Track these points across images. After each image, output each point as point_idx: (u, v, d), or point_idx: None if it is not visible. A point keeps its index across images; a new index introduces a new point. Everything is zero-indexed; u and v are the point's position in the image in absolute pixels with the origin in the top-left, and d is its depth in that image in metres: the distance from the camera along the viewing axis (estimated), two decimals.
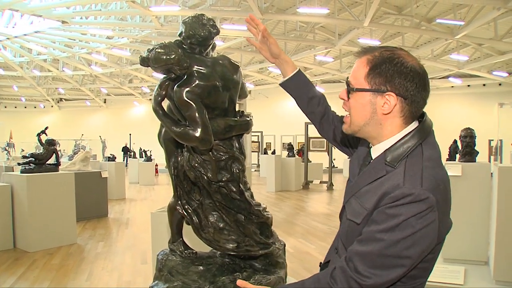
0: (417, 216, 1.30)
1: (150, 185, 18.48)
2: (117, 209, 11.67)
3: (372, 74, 1.47)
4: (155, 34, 21.29)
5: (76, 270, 6.15)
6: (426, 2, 16.34)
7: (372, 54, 1.50)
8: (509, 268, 4.31)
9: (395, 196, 1.33)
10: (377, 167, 1.49)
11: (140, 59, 2.24)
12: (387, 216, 1.34)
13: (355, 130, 1.58)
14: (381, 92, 1.46)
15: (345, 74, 26.19)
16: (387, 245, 1.33)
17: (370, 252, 1.36)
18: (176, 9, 16.51)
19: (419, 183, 1.33)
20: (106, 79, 32.83)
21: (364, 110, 1.51)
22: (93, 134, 28.32)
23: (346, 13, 16.93)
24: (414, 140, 1.46)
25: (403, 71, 1.43)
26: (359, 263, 1.37)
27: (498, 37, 17.26)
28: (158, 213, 4.31)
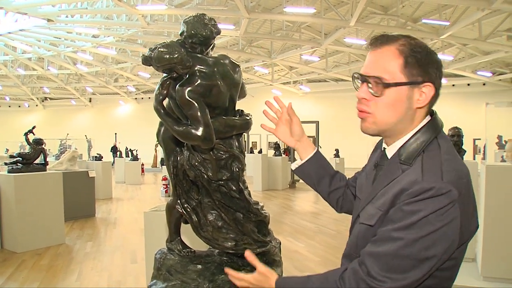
0: (438, 212, 1.19)
1: (137, 185, 18.40)
2: (104, 209, 11.61)
3: (409, 65, 1.34)
4: (141, 33, 21.20)
5: (65, 270, 6.12)
6: (412, 2, 16.46)
7: (401, 44, 1.36)
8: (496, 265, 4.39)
9: (413, 192, 1.22)
10: (392, 168, 1.38)
11: (143, 58, 2.24)
12: (404, 214, 1.22)
13: (382, 129, 1.43)
14: (417, 84, 1.34)
15: (330, 74, 26.36)
16: (404, 244, 1.21)
17: (385, 252, 1.24)
18: (163, 8, 16.42)
19: (440, 176, 1.23)
20: (92, 78, 32.62)
21: (400, 106, 1.37)
22: (79, 134, 28.11)
23: (332, 13, 16.97)
24: (429, 133, 1.37)
25: (434, 59, 1.36)
26: (373, 265, 1.26)
27: (482, 37, 17.44)
28: (151, 213, 4.31)
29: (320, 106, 30.74)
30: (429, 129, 1.38)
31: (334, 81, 30.38)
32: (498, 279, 4.35)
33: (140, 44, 23.70)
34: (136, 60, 26.29)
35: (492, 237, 4.37)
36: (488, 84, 26.61)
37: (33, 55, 27.88)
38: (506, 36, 18.02)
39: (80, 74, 32.06)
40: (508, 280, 4.33)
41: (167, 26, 19.16)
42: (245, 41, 22.44)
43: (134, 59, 26.27)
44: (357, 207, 1.56)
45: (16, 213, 7.01)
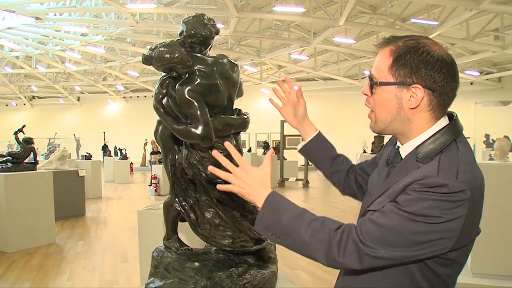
0: (446, 207, 1.21)
1: (126, 184, 18.37)
2: (94, 208, 11.59)
3: (396, 65, 1.37)
4: (130, 32, 21.11)
5: (56, 270, 6.12)
6: (401, 2, 16.54)
7: (395, 44, 1.39)
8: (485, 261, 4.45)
9: (426, 183, 1.23)
10: (409, 164, 1.39)
11: (143, 57, 2.26)
12: (413, 198, 1.24)
13: (382, 128, 1.47)
14: (406, 85, 1.36)
15: (319, 73, 26.40)
16: (404, 222, 1.24)
17: (384, 224, 1.26)
18: (152, 6, 16.39)
19: (455, 175, 1.24)
20: (80, 77, 32.39)
21: (390, 105, 1.41)
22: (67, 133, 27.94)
23: (321, 12, 17.03)
24: (448, 136, 1.37)
25: (429, 61, 1.33)
26: (369, 231, 1.29)
27: (470, 37, 17.58)
28: (144, 211, 4.32)
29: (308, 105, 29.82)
30: (448, 131, 1.38)
31: (323, 80, 30.46)
32: (487, 275, 4.42)
33: (129, 42, 23.60)
34: (125, 58, 26.19)
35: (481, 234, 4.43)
36: (475, 84, 26.82)
37: (21, 54, 27.62)
38: (493, 36, 18.17)
39: (69, 73, 31.82)
40: (497, 276, 4.40)
41: (156, 25, 19.08)
42: (234, 40, 22.42)
43: (123, 57, 26.16)
44: (367, 201, 1.58)
45: (6, 213, 6.99)
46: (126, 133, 33.49)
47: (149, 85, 34.15)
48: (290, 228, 1.39)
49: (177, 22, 18.34)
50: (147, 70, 30.56)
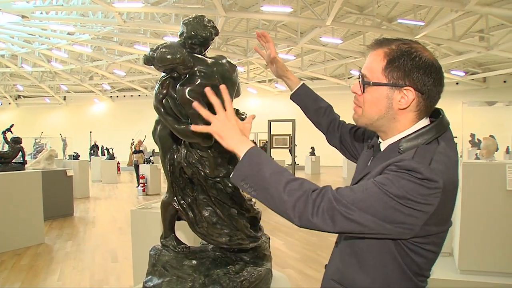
0: (418, 192, 1.26)
1: (113, 183, 18.32)
2: (82, 208, 11.55)
3: (390, 67, 1.42)
4: (117, 31, 21.03)
5: (46, 270, 6.09)
6: (387, 2, 16.67)
7: (389, 47, 1.45)
8: (472, 258, 4.52)
9: (402, 166, 1.29)
10: (390, 155, 1.43)
11: (145, 58, 2.28)
12: (389, 179, 1.29)
13: (366, 123, 1.54)
14: (399, 87, 1.42)
15: (306, 72, 26.51)
16: (378, 197, 1.28)
17: (362, 192, 1.32)
18: (140, 5, 16.33)
19: (428, 161, 1.29)
20: (66, 76, 32.16)
21: (380, 105, 1.46)
22: (53, 132, 27.75)
23: (308, 12, 17.11)
24: (432, 133, 1.42)
25: (421, 65, 1.39)
26: (347, 194, 1.33)
27: (456, 38, 17.79)
28: (137, 211, 4.33)
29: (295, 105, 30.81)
30: (433, 129, 1.43)
31: (310, 79, 30.59)
32: (474, 271, 4.49)
33: (116, 42, 23.51)
34: (111, 58, 26.08)
35: (469, 231, 4.50)
36: (461, 84, 27.12)
37: (7, 52, 27.39)
38: (478, 37, 18.41)
39: (55, 72, 31.59)
40: (484, 272, 4.48)
41: (143, 24, 19.03)
42: (221, 40, 22.43)
43: (110, 57, 26.06)
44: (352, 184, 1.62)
45: None
46: (112, 132, 33.37)
47: (135, 84, 34.04)
48: (269, 182, 1.40)
49: (164, 21, 18.39)
50: (134, 70, 30.45)
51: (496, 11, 14.93)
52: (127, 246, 7.27)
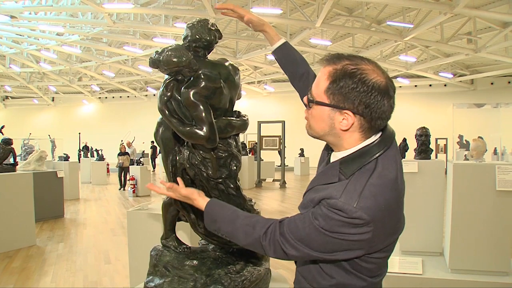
0: (347, 227, 1.34)
1: (103, 185, 18.26)
2: (73, 210, 11.51)
3: (331, 89, 1.41)
4: (107, 32, 20.96)
5: (39, 272, 6.07)
6: (377, 5, 16.76)
7: (335, 67, 1.42)
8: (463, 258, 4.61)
9: (331, 204, 1.36)
10: (332, 172, 1.48)
11: (151, 61, 2.31)
12: (321, 214, 1.38)
13: (314, 136, 1.57)
14: (340, 109, 1.41)
15: None
16: (316, 232, 1.39)
17: (303, 228, 1.43)
18: (130, 6, 16.30)
19: (355, 201, 1.33)
20: (55, 77, 31.99)
21: (323, 123, 1.48)
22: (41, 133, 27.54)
23: (298, 13, 17.19)
24: (373, 152, 1.44)
25: (362, 89, 1.36)
26: (291, 231, 1.46)
27: (444, 40, 17.99)
28: (134, 212, 4.34)
29: (284, 106, 30.92)
30: (374, 148, 1.45)
31: None
32: (465, 271, 4.58)
33: (105, 43, 23.44)
34: (101, 59, 25.99)
35: (459, 231, 4.59)
36: (449, 85, 27.37)
37: None
38: (466, 39, 18.60)
39: (43, 73, 31.42)
40: (474, 271, 4.57)
41: (133, 25, 18.99)
42: None
43: (99, 58, 25.96)
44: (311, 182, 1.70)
45: None
46: (101, 134, 33.24)
47: (124, 85, 33.95)
48: (230, 235, 1.66)
49: (154, 22, 18.34)
50: (123, 71, 30.37)
51: (484, 14, 15.11)
52: (120, 247, 7.30)
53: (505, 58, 20.16)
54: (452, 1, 13.92)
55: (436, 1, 14.77)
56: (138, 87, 35.30)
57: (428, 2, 14.57)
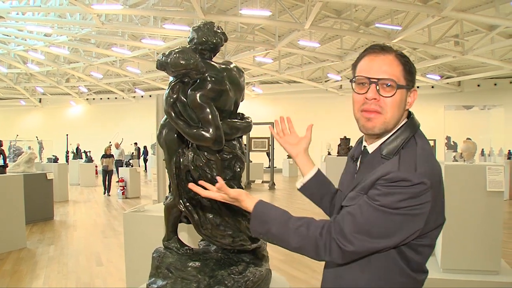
0: (411, 199, 1.37)
1: (92, 187, 18.21)
2: (62, 212, 11.46)
3: (406, 71, 1.53)
4: (95, 33, 20.86)
5: (31, 275, 6.05)
6: (365, 7, 16.81)
7: (396, 54, 1.55)
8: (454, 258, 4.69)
9: (389, 178, 1.40)
10: (374, 161, 1.54)
11: (158, 63, 2.32)
12: (382, 193, 1.40)
13: (387, 128, 1.55)
14: (409, 88, 1.56)
15: (283, 75, 26.64)
16: (377, 215, 1.40)
17: (361, 216, 1.43)
18: (119, 7, 16.22)
19: (414, 168, 1.40)
20: (43, 78, 31.68)
21: (401, 107, 1.55)
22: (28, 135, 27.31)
23: (286, 15, 17.24)
24: (407, 132, 1.54)
25: (415, 70, 1.58)
26: (347, 224, 1.44)
27: (432, 42, 18.13)
28: (131, 214, 4.34)
29: (272, 108, 30.97)
30: (408, 128, 1.56)
31: (287, 82, 30.78)
32: (457, 270, 4.65)
33: (93, 44, 23.31)
34: (89, 60, 25.84)
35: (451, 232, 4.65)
36: (436, 87, 27.57)
37: None
38: (453, 42, 18.77)
39: (31, 74, 31.16)
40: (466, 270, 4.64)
41: (121, 26, 18.92)
42: None
43: (87, 59, 25.81)
44: (340, 197, 1.73)
45: None
46: (89, 135, 33.01)
47: (112, 87, 33.80)
48: (281, 237, 1.57)
49: (143, 23, 18.27)
50: (111, 72, 30.20)
51: (470, 17, 15.26)
52: (111, 249, 7.29)
53: (492, 60, 20.39)
54: (440, 4, 14.06)
55: (424, 4, 14.92)
56: (126, 88, 35.13)
57: (416, 4, 14.70)
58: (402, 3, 14.57)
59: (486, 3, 15.24)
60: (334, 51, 22.36)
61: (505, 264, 5.33)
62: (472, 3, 15.34)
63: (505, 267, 5.21)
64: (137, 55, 23.84)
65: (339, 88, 30.25)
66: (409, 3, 14.56)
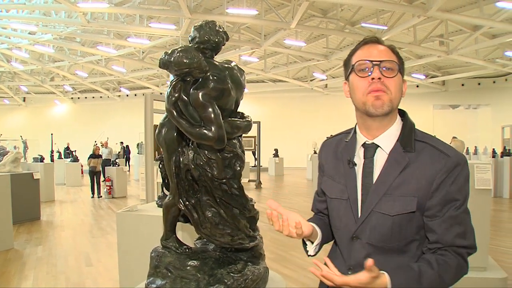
0: (468, 177, 1.54)
1: (77, 186, 18.08)
2: (49, 212, 11.36)
3: (400, 60, 1.61)
4: (80, 31, 20.71)
5: (19, 276, 5.98)
6: (351, 6, 16.93)
7: (388, 45, 1.64)
8: None
9: (449, 168, 1.49)
10: (398, 158, 1.55)
11: (161, 62, 2.31)
12: (455, 192, 1.50)
13: (393, 108, 1.58)
14: (403, 77, 1.62)
15: (269, 74, 26.69)
16: (467, 213, 1.54)
17: (467, 225, 1.52)
18: (105, 6, 16.15)
19: (453, 149, 1.54)
20: (27, 77, 31.39)
21: (400, 90, 1.60)
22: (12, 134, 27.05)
23: (272, 14, 17.29)
24: (409, 122, 1.64)
25: None
26: (469, 238, 1.52)
27: (417, 42, 18.33)
28: (124, 213, 4.32)
29: (257, 107, 30.97)
30: (407, 119, 1.65)
31: (272, 82, 30.84)
32: None
33: (79, 42, 23.14)
34: (74, 58, 25.64)
35: None
36: (421, 86, 27.86)
37: None
38: (438, 42, 18.98)
39: (14, 72, 30.83)
40: None
41: (107, 25, 18.81)
42: (185, 41, 22.25)
43: (72, 57, 25.61)
44: (351, 204, 1.63)
45: None
46: (74, 134, 32.76)
47: (97, 86, 33.58)
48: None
49: (128, 22, 18.18)
50: (96, 71, 30.01)
51: (455, 17, 15.46)
52: (100, 249, 7.27)
53: (475, 60, 20.69)
54: (426, 4, 14.22)
55: (410, 4, 15.07)
56: (111, 87, 34.95)
57: (401, 4, 14.84)
58: (388, 3, 14.70)
59: (471, 3, 15.47)
60: (319, 50, 22.46)
61: (492, 261, 5.43)
62: (457, 3, 15.55)
63: (492, 264, 5.31)
64: (122, 53, 23.75)
65: (324, 87, 30.41)
66: (395, 3, 14.70)
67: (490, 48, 20.11)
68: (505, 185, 13.55)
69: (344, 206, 1.67)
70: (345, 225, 1.66)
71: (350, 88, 1.65)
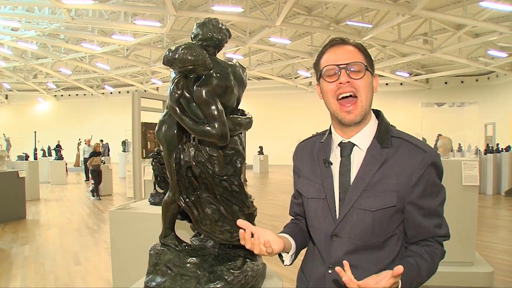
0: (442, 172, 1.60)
1: (62, 184, 17.91)
2: (34, 210, 11.25)
3: (367, 58, 1.60)
4: (64, 28, 20.50)
5: (7, 276, 5.90)
6: (336, 4, 16.96)
7: (355, 44, 1.62)
8: None
9: (426, 163, 1.53)
10: (375, 154, 1.57)
11: (165, 59, 2.31)
12: (433, 186, 1.56)
13: (366, 111, 1.59)
14: (372, 73, 1.62)
15: (253, 72, 26.65)
16: (442, 205, 1.61)
17: (441, 216, 1.61)
18: (89, 2, 16.00)
19: (428, 145, 1.59)
20: (9, 74, 30.97)
21: (371, 89, 1.60)
22: None
23: (258, 12, 17.28)
24: (384, 119, 1.67)
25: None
26: (445, 229, 1.62)
27: (401, 40, 18.48)
28: (117, 211, 4.29)
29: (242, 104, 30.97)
30: (382, 118, 1.67)
31: (257, 79, 30.87)
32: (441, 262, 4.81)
33: (63, 39, 22.91)
34: (57, 55, 25.37)
35: None
36: (405, 84, 28.11)
37: None
38: (422, 40, 19.16)
39: None
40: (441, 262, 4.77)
41: (91, 22, 18.64)
42: (169, 39, 22.16)
43: (56, 54, 25.34)
44: (329, 202, 1.62)
45: None
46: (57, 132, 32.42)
47: (81, 83, 33.29)
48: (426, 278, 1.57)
49: (113, 19, 18.04)
50: (79, 68, 29.73)
51: (439, 16, 15.60)
52: (88, 247, 7.22)
53: (459, 58, 20.90)
54: (410, 3, 14.34)
55: (394, 2, 15.18)
56: (95, 84, 34.69)
57: (386, 3, 14.95)
58: (372, 1, 14.80)
59: (454, 3, 15.64)
60: (304, 48, 22.52)
61: (479, 256, 5.55)
62: (441, 2, 15.71)
63: (479, 259, 5.44)
64: (106, 51, 23.57)
65: (308, 84, 30.47)
66: (380, 2, 14.82)
67: (473, 47, 20.35)
68: (489, 182, 13.79)
69: (322, 206, 1.67)
70: (323, 224, 1.65)
71: (322, 92, 1.65)
